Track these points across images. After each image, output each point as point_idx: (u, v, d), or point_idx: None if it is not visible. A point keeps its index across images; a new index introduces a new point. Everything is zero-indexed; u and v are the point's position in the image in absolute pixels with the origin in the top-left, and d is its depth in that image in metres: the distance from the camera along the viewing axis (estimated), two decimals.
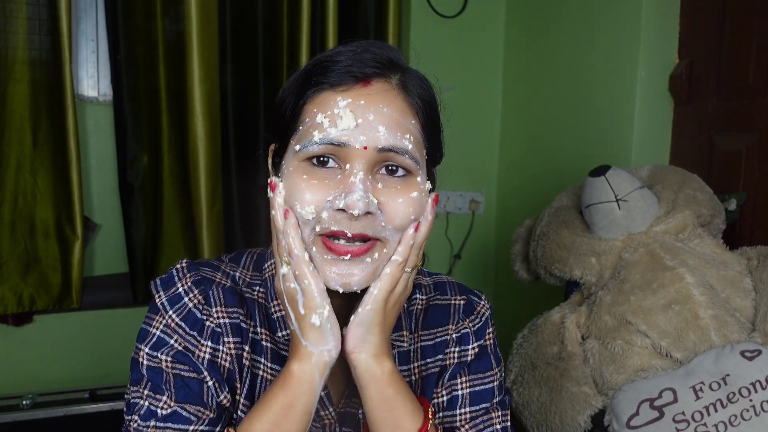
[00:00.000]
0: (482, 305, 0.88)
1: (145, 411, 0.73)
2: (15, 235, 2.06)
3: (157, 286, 0.78)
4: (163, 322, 0.76)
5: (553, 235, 1.61)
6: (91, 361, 2.21)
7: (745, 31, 1.68)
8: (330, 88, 0.70)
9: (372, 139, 0.67)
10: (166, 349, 0.75)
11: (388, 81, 0.71)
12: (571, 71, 2.15)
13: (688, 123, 1.85)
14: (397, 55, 0.74)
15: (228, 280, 0.80)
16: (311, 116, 0.70)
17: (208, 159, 2.16)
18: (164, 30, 2.19)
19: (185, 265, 0.80)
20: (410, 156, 0.69)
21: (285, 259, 0.69)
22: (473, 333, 0.85)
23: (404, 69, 0.74)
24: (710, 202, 1.56)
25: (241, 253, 0.85)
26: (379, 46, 0.73)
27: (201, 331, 0.76)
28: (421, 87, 0.74)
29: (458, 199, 2.58)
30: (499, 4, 2.55)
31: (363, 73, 0.70)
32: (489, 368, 0.85)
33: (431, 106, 0.75)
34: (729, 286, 1.40)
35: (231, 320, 0.78)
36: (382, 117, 0.68)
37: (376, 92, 0.69)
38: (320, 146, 0.68)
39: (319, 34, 2.32)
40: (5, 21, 2.00)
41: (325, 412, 0.80)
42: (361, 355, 0.71)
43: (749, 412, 1.21)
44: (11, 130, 2.02)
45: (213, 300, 0.78)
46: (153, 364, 0.75)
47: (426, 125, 0.74)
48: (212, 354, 0.76)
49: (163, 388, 0.74)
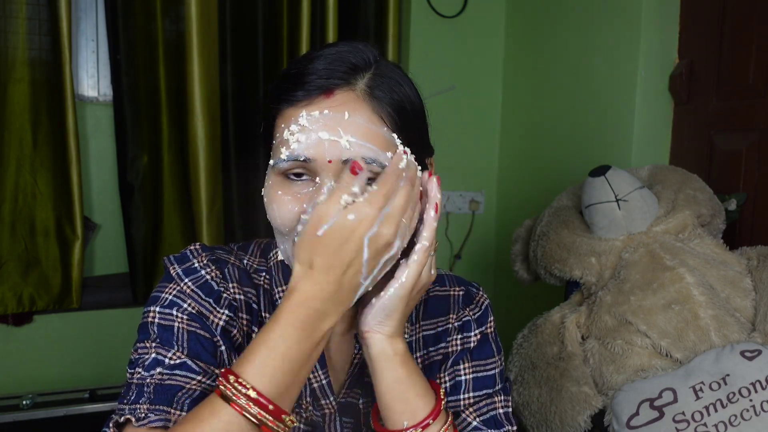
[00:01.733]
0: (481, 295, 0.89)
1: (151, 361, 0.70)
2: (15, 235, 2.06)
3: (171, 260, 0.78)
4: (177, 288, 0.75)
5: (553, 235, 1.61)
6: (91, 361, 2.21)
7: (745, 31, 1.68)
8: (295, 102, 0.69)
9: (336, 151, 0.66)
10: (181, 308, 0.73)
11: (352, 89, 0.69)
12: (571, 71, 2.15)
13: (688, 123, 1.85)
14: (363, 57, 0.71)
15: (240, 263, 0.81)
16: (280, 131, 0.70)
17: (208, 159, 2.16)
18: (164, 30, 2.19)
19: (199, 246, 0.80)
20: (379, 164, 0.67)
21: None
22: (474, 321, 0.86)
23: (374, 71, 0.71)
24: (710, 202, 1.56)
25: (248, 242, 0.86)
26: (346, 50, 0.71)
27: (218, 300, 0.76)
28: (391, 90, 0.71)
29: (458, 199, 2.58)
30: (499, 4, 2.55)
31: (325, 84, 0.69)
32: (491, 355, 0.86)
33: (403, 106, 0.72)
34: (729, 286, 1.40)
35: (246, 298, 0.79)
36: (347, 127, 0.67)
37: (340, 102, 0.68)
38: (288, 163, 0.68)
39: (319, 34, 2.32)
40: (5, 21, 2.00)
41: (325, 402, 0.81)
42: (376, 336, 0.71)
43: (749, 412, 1.21)
44: (11, 130, 2.02)
45: (229, 276, 0.78)
46: (165, 322, 0.73)
47: (402, 127, 0.71)
48: (227, 322, 0.76)
49: (173, 342, 0.71)
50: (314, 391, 0.81)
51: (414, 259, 0.69)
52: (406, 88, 0.73)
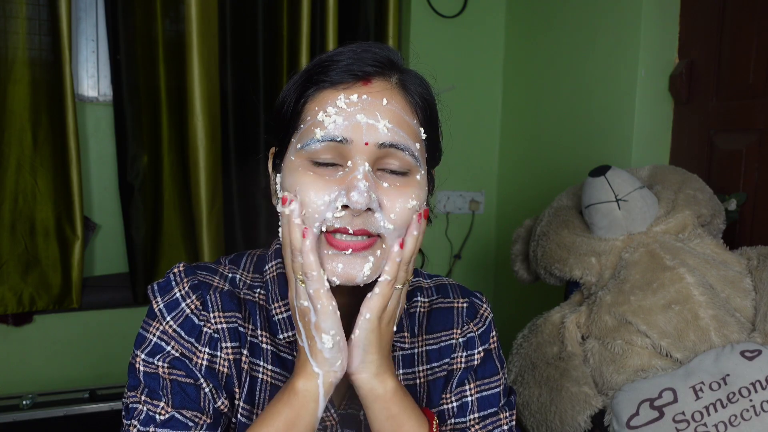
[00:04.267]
0: (484, 308, 0.88)
1: (145, 416, 0.73)
2: (15, 235, 2.06)
3: (154, 291, 0.78)
4: (160, 329, 0.76)
5: (553, 235, 1.61)
6: (91, 361, 2.21)
7: (745, 31, 1.68)
8: (331, 86, 0.70)
9: (373, 134, 0.68)
10: (163, 355, 0.75)
11: (388, 80, 0.72)
12: (571, 71, 2.15)
13: (688, 123, 1.85)
14: (396, 56, 0.75)
15: (226, 284, 0.80)
16: (312, 114, 0.70)
17: (208, 159, 2.16)
18: (164, 30, 2.19)
19: (182, 269, 0.79)
20: (410, 153, 0.70)
21: (300, 278, 0.69)
22: (478, 337, 0.86)
23: (403, 69, 0.75)
24: (710, 202, 1.56)
25: (240, 254, 0.85)
26: (378, 46, 0.74)
27: (199, 338, 0.76)
28: (420, 86, 0.75)
29: (458, 199, 2.58)
30: (499, 4, 2.55)
31: (363, 71, 0.70)
32: (495, 372, 0.86)
33: (430, 105, 0.76)
34: (729, 286, 1.40)
35: (229, 325, 0.78)
36: (384, 113, 0.69)
37: (377, 90, 0.70)
38: (322, 143, 0.68)
39: (319, 34, 2.32)
40: (5, 21, 2.00)
41: (326, 414, 0.80)
42: (363, 375, 0.72)
43: (749, 412, 1.21)
44: (11, 130, 2.03)
45: (210, 305, 0.77)
46: (150, 370, 0.75)
47: (425, 124, 0.75)
48: (210, 360, 0.76)
49: (160, 393, 0.74)
50: None
51: (376, 292, 0.70)
52: (429, 89, 0.77)
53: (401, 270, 0.71)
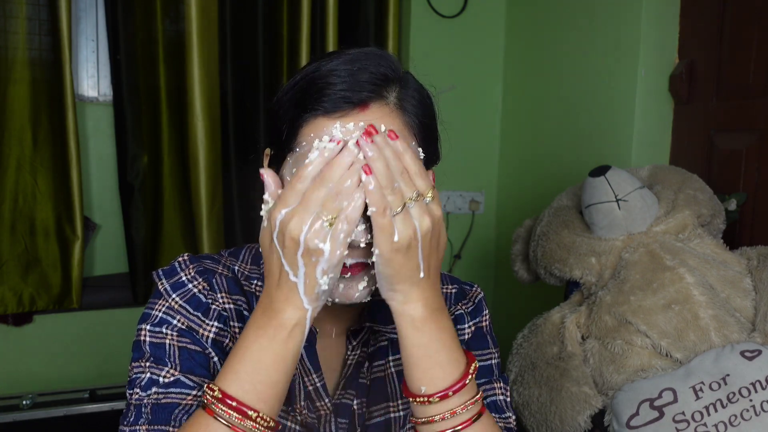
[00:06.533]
0: (474, 291, 0.90)
1: (147, 381, 0.72)
2: (15, 235, 2.06)
3: (159, 275, 0.79)
4: (165, 305, 0.76)
5: (553, 235, 1.61)
6: (91, 361, 2.21)
7: (745, 31, 1.68)
8: (325, 114, 0.68)
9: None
10: (170, 326, 0.75)
11: (385, 102, 0.69)
12: (571, 71, 2.15)
13: (688, 123, 1.85)
14: (393, 66, 0.71)
15: (229, 272, 0.82)
16: (308, 140, 0.68)
17: (208, 159, 2.16)
18: (164, 30, 2.19)
19: (187, 258, 0.81)
20: None
21: (328, 218, 0.63)
22: (467, 314, 0.87)
23: (401, 81, 0.72)
24: (710, 202, 1.56)
25: (239, 248, 0.86)
26: (375, 61, 0.70)
27: (206, 313, 0.77)
28: (418, 101, 0.72)
29: (458, 199, 2.58)
30: (499, 4, 2.55)
31: (359, 98, 0.68)
32: (486, 347, 0.86)
33: (429, 117, 0.74)
34: (729, 286, 1.40)
35: (236, 306, 0.79)
36: None
37: (375, 116, 0.68)
38: None
39: (319, 34, 2.32)
40: (5, 21, 2.00)
41: (320, 403, 0.81)
42: (392, 303, 0.69)
43: (749, 412, 1.21)
44: (11, 130, 2.03)
45: (217, 287, 0.79)
46: (156, 340, 0.74)
47: (424, 141, 0.73)
48: (217, 333, 0.77)
49: (166, 360, 0.73)
50: (309, 393, 0.81)
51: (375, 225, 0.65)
52: (427, 99, 0.74)
53: (385, 195, 0.64)
